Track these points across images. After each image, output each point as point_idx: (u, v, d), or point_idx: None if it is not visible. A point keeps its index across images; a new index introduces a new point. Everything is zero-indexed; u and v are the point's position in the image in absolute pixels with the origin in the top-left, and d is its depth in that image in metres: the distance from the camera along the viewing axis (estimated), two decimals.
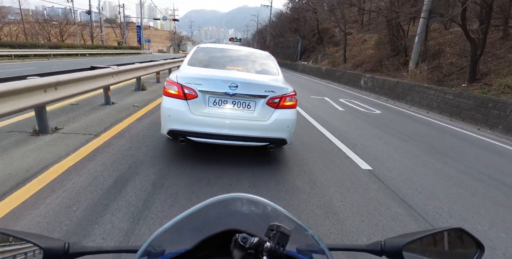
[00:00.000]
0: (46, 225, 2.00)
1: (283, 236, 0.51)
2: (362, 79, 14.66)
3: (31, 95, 3.53)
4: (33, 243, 0.52)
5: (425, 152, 4.77)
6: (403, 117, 8.16)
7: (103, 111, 5.54)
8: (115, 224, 2.07)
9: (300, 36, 30.90)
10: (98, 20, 54.25)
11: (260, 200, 0.63)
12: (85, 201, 2.34)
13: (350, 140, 5.11)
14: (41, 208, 2.19)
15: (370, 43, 21.86)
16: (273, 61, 3.98)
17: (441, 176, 3.75)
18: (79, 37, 45.35)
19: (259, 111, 3.05)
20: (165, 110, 3.02)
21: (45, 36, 39.29)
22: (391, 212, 2.66)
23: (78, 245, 0.57)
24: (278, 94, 3.05)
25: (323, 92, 12.21)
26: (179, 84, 2.96)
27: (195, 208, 0.59)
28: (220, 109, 3.02)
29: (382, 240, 0.63)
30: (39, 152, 3.27)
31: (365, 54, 20.09)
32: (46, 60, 20.30)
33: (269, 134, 3.09)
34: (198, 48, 3.96)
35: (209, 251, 0.59)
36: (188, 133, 2.97)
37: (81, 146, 3.57)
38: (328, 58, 24.35)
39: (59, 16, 45.66)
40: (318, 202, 2.70)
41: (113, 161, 3.16)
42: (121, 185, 2.64)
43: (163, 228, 0.57)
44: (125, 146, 3.67)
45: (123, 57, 29.99)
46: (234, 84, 2.93)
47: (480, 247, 0.61)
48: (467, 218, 2.72)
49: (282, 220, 0.61)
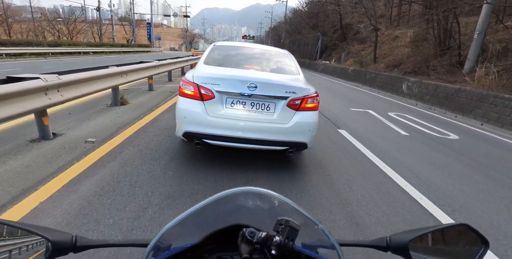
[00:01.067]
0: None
1: (292, 230, 0.51)
2: (404, 84, 12.04)
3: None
4: (41, 235, 0.52)
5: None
6: (500, 149, 5.60)
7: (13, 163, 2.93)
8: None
9: (320, 32, 28.20)
10: (110, 18, 53.41)
11: (269, 193, 0.63)
12: None
13: (447, 201, 2.90)
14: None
15: (403, 40, 19.10)
16: (293, 59, 3.76)
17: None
18: (89, 35, 44.07)
19: (279, 113, 2.88)
20: (180, 111, 2.86)
21: (54, 34, 38.16)
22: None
23: (85, 239, 0.57)
24: (300, 95, 2.88)
25: (359, 100, 9.72)
26: (195, 84, 2.81)
27: (203, 203, 0.58)
28: (238, 111, 2.86)
29: (387, 236, 0.62)
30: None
31: (399, 52, 17.37)
32: (43, 59, 18.55)
33: (289, 137, 2.90)
34: (214, 46, 3.81)
35: (216, 246, 0.59)
36: (204, 135, 2.82)
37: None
38: (354, 57, 21.66)
39: (75, 15, 44.48)
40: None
41: None
42: None
43: (172, 223, 0.57)
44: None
45: (128, 55, 28.15)
46: (253, 84, 2.76)
47: (485, 243, 0.60)
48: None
49: (290, 214, 0.60)
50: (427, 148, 4.84)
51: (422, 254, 0.60)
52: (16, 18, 37.96)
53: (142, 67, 6.80)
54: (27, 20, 38.97)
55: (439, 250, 0.63)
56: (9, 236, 0.53)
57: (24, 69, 12.33)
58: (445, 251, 0.64)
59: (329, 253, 0.58)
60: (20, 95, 3.08)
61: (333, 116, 6.83)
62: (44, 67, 13.25)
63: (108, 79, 5.16)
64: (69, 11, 41.46)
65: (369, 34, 23.87)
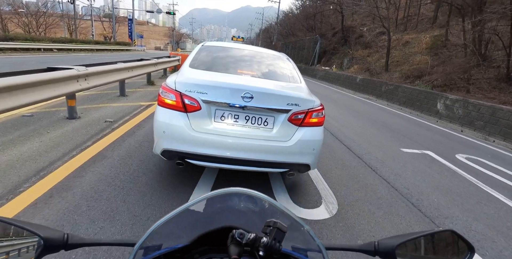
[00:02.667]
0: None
1: (280, 232, 0.51)
2: (439, 101, 9.43)
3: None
4: (33, 232, 0.52)
5: None
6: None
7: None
8: None
9: (318, 35, 25.61)
10: (96, 14, 49.46)
11: (258, 195, 0.62)
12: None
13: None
14: None
15: (417, 46, 16.71)
16: (292, 64, 3.30)
17: None
18: (67, 31, 39.91)
19: (278, 129, 2.44)
20: (158, 125, 2.38)
21: (25, 28, 34.10)
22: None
23: (77, 237, 0.57)
24: (303, 108, 2.46)
25: (394, 126, 6.95)
26: (177, 92, 2.33)
27: (192, 202, 0.58)
28: (229, 126, 2.39)
29: (375, 241, 0.63)
30: None
31: (414, 60, 14.92)
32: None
33: (290, 158, 2.45)
34: (203, 46, 3.32)
35: (206, 247, 0.59)
36: (187, 155, 2.34)
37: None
38: (359, 64, 19.12)
39: (46, 7, 40.22)
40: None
41: None
42: None
43: (159, 222, 0.56)
44: None
45: (98, 54, 24.63)
46: (248, 94, 2.29)
47: (471, 249, 0.62)
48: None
49: (279, 216, 0.61)
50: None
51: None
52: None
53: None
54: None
55: (426, 254, 0.64)
56: (0, 233, 0.53)
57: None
58: (431, 256, 0.65)
59: (316, 256, 0.58)
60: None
61: (387, 171, 3.97)
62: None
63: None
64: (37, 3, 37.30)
65: (374, 38, 21.43)
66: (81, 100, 5.57)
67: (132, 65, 6.13)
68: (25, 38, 20.03)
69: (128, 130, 3.99)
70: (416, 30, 20.50)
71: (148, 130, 4.11)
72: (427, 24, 20.19)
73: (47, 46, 20.70)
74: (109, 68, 4.81)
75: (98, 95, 6.21)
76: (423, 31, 19.54)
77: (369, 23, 25.83)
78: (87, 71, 4.14)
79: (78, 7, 53.06)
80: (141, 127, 4.23)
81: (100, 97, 6.07)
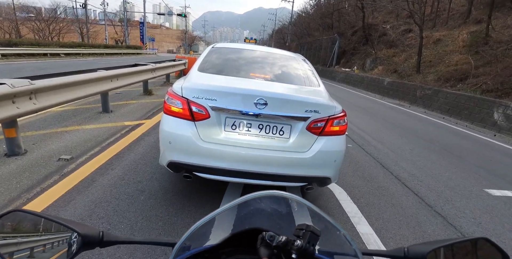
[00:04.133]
0: None
1: (313, 235, 0.50)
2: (496, 110, 7.70)
3: None
4: (72, 229, 0.53)
5: None
6: None
7: None
8: None
9: (337, 34, 23.93)
10: (111, 19, 49.56)
11: (292, 197, 0.62)
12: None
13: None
14: None
15: (452, 44, 14.88)
16: (310, 66, 3.05)
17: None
18: (81, 35, 39.80)
19: (295, 138, 2.19)
20: (164, 134, 2.19)
21: (38, 33, 34.14)
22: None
23: (111, 234, 0.57)
24: (324, 116, 2.20)
25: (452, 148, 5.34)
26: (184, 99, 2.13)
27: (226, 207, 0.57)
28: (241, 136, 2.17)
29: (405, 247, 0.61)
30: None
31: (452, 60, 13.12)
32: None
33: (309, 171, 2.21)
34: (213, 48, 3.09)
35: (234, 248, 0.59)
36: (196, 167, 2.11)
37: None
38: (383, 64, 17.37)
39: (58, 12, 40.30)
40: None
41: None
42: None
43: (198, 224, 0.56)
44: None
45: (109, 58, 23.85)
46: (262, 100, 2.07)
47: (506, 258, 0.59)
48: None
49: (311, 219, 0.60)
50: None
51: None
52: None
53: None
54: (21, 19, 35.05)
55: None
56: (40, 228, 0.54)
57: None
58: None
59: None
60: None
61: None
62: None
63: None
64: (51, 10, 37.28)
65: (399, 36, 19.60)
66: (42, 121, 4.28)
67: (116, 73, 4.82)
68: (30, 43, 19.39)
69: (86, 176, 2.65)
70: (447, 26, 18.57)
71: (121, 173, 2.77)
72: (459, 20, 18.25)
73: (53, 51, 19.98)
74: (72, 80, 3.46)
75: (74, 112, 4.91)
76: (455, 27, 17.61)
77: (392, 20, 23.92)
78: (31, 86, 2.82)
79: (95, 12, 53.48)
80: (111, 168, 2.87)
81: (76, 114, 4.77)
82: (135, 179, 2.68)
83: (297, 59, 3.18)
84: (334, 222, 0.59)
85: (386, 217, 2.60)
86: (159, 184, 2.64)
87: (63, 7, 38.49)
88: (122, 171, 2.80)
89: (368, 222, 2.48)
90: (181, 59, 11.03)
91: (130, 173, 2.77)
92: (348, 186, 3.17)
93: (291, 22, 43.60)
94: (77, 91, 3.73)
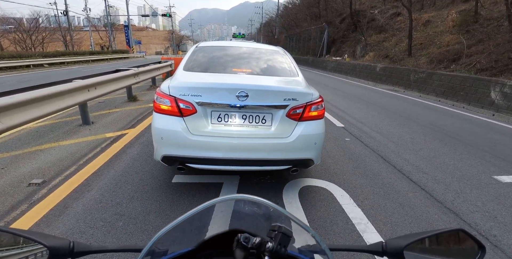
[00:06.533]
0: None
1: (285, 236, 0.51)
2: (493, 89, 7.48)
3: None
4: (38, 242, 0.51)
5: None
6: None
7: None
8: None
9: (325, 23, 23.53)
10: (95, 25, 48.45)
11: (262, 201, 0.61)
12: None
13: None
14: None
15: (442, 25, 14.61)
16: (288, 57, 3.20)
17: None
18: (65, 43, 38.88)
19: (277, 125, 2.38)
20: (156, 131, 2.34)
21: (20, 43, 33.30)
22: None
23: (82, 244, 0.56)
24: (301, 103, 2.39)
25: (455, 133, 5.11)
26: (172, 97, 2.29)
27: (198, 209, 0.57)
28: (226, 126, 2.34)
29: (383, 241, 0.61)
30: None
31: (443, 41, 12.87)
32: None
33: (292, 154, 2.40)
34: (197, 47, 3.20)
35: (212, 250, 0.59)
36: (188, 159, 2.31)
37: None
38: (374, 50, 17.08)
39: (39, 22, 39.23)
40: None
41: None
42: None
43: (166, 228, 0.55)
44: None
45: (94, 65, 23.30)
46: (243, 92, 2.24)
47: (481, 248, 0.60)
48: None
49: (283, 221, 0.60)
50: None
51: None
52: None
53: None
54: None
55: (435, 255, 0.62)
56: (6, 243, 0.52)
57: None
58: (441, 256, 0.63)
59: (323, 258, 0.58)
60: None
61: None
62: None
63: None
64: (31, 19, 36.30)
65: (388, 20, 19.29)
66: (16, 140, 3.97)
67: (94, 81, 4.50)
68: (11, 55, 18.80)
69: (57, 203, 2.36)
70: (435, 7, 18.30)
71: (98, 195, 2.49)
72: (447, 0, 17.96)
73: (36, 61, 19.40)
74: (40, 94, 3.11)
75: (52, 127, 4.57)
76: (444, 7, 17.34)
77: (379, 4, 23.54)
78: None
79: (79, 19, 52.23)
80: (87, 190, 2.59)
81: (53, 129, 4.44)
82: (114, 200, 2.40)
83: (278, 51, 3.30)
84: (304, 224, 0.58)
85: (395, 220, 2.36)
86: (140, 204, 2.37)
87: (45, 16, 37.56)
88: (100, 192, 2.52)
89: (376, 229, 2.23)
90: (166, 60, 10.65)
91: (108, 194, 2.49)
92: (350, 186, 2.92)
93: (278, 14, 43.02)
94: (48, 106, 3.42)
